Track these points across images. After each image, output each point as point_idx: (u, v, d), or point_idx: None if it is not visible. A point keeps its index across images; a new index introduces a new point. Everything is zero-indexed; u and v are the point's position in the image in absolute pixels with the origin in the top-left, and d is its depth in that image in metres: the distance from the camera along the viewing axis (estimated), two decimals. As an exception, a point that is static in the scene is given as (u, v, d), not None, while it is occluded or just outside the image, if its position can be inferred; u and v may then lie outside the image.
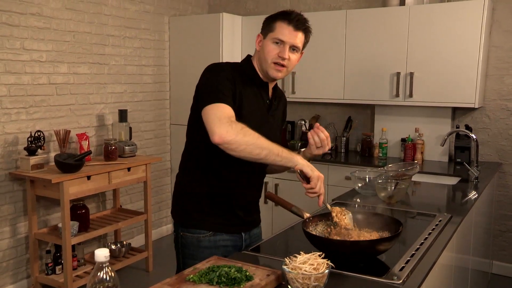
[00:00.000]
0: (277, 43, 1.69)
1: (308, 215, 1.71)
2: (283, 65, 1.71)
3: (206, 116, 1.58)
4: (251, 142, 1.52)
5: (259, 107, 1.77)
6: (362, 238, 1.59)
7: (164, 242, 4.43)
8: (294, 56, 1.72)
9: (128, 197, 4.24)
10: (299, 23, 1.70)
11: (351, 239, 1.58)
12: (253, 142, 1.53)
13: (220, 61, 4.21)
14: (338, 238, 1.59)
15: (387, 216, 1.75)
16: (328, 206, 1.68)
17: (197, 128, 1.71)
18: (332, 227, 1.68)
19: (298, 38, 1.70)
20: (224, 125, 1.52)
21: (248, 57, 1.83)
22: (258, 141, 1.54)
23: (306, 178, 1.59)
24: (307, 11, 4.37)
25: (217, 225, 1.75)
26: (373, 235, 1.62)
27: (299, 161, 1.57)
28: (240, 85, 1.69)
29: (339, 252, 1.50)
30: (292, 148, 4.28)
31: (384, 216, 1.75)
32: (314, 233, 1.63)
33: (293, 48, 1.71)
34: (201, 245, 1.73)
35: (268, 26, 1.72)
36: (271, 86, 1.82)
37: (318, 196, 1.61)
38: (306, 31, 1.73)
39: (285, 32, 1.68)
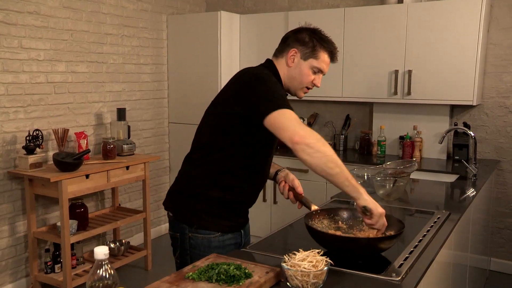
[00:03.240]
0: (315, 72, 1.77)
1: (315, 207, 1.73)
2: (310, 89, 1.82)
3: (281, 119, 1.54)
4: (328, 153, 1.50)
5: None
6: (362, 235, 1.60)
7: (163, 241, 4.43)
8: None
9: (127, 196, 4.24)
10: (337, 56, 1.81)
11: (351, 235, 1.59)
12: (330, 155, 1.50)
13: (219, 60, 4.21)
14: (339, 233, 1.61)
15: (391, 215, 1.74)
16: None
17: (227, 134, 1.69)
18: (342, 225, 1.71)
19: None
20: (306, 129, 1.52)
21: (271, 63, 1.81)
22: (334, 156, 1.51)
23: (366, 213, 1.56)
24: (305, 9, 4.37)
25: (225, 226, 1.77)
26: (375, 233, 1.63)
27: (364, 196, 1.54)
28: None
29: (338, 248, 1.50)
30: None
31: (388, 216, 1.74)
32: (319, 226, 1.64)
33: None
34: (211, 245, 1.73)
35: (311, 50, 1.74)
36: None
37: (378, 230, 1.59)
38: (336, 62, 1.85)
39: (327, 63, 1.78)
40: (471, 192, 2.67)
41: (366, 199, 1.55)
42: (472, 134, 3.07)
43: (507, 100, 3.68)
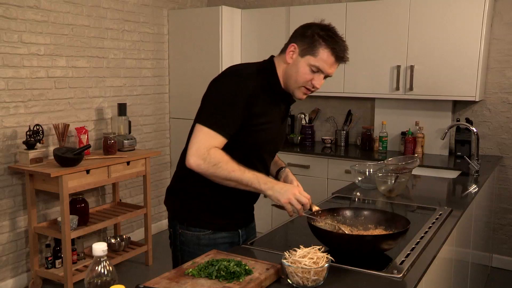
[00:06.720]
0: (314, 71, 1.60)
1: (316, 208, 1.69)
2: (311, 90, 1.65)
3: (194, 135, 1.59)
4: (221, 176, 1.56)
5: (275, 117, 1.70)
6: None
7: (164, 236, 4.43)
8: (323, 82, 1.65)
9: (128, 191, 4.23)
10: (343, 54, 1.60)
11: (354, 233, 1.57)
12: (223, 177, 1.56)
13: (220, 55, 4.19)
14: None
15: (395, 213, 1.72)
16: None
17: None
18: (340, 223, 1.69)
19: (335, 68, 1.63)
20: (199, 157, 1.54)
21: (272, 60, 1.70)
22: (228, 175, 1.55)
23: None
24: (306, 4, 4.35)
25: (218, 225, 1.74)
26: (379, 232, 1.62)
27: (267, 192, 1.57)
28: (260, 97, 1.61)
29: (341, 247, 1.49)
30: (292, 141, 4.27)
31: (392, 214, 1.72)
32: (322, 225, 1.63)
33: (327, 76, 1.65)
34: (201, 242, 1.72)
35: (310, 46, 1.58)
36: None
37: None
38: (345, 61, 1.64)
39: (327, 62, 1.58)
40: (473, 188, 2.65)
41: (270, 195, 1.56)
42: (475, 130, 3.05)
43: (510, 96, 3.65)
